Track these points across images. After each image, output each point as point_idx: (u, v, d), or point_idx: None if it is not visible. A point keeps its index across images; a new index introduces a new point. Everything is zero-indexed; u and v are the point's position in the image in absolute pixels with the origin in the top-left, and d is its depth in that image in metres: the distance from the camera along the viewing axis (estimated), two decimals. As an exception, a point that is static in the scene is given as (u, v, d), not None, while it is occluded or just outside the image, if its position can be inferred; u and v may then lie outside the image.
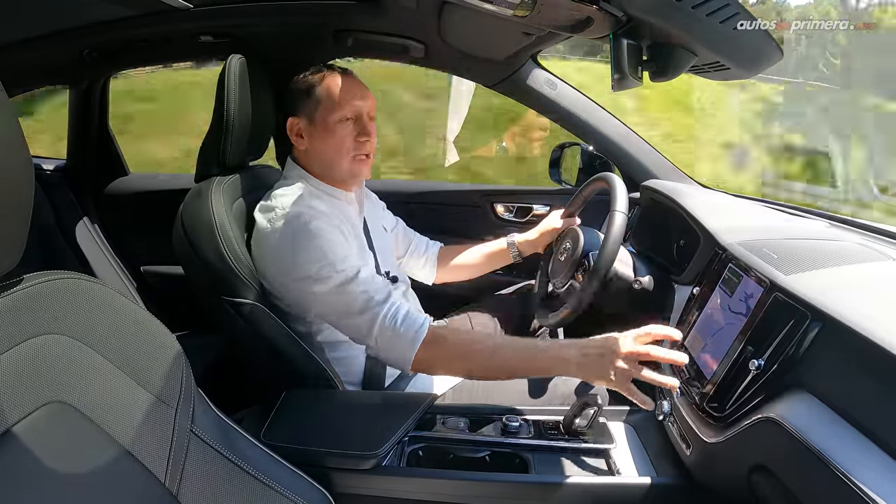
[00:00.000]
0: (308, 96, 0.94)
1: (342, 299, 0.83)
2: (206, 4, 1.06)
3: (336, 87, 0.93)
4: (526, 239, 1.19)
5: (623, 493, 0.76)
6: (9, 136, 0.41)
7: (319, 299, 0.85)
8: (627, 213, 0.92)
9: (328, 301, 0.84)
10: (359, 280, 0.84)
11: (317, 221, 0.86)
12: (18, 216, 0.44)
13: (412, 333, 0.82)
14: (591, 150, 1.35)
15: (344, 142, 0.92)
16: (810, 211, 1.12)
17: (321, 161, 0.95)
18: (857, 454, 0.48)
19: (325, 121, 0.93)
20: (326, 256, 0.84)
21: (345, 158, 0.93)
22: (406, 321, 0.83)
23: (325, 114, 0.92)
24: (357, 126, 0.93)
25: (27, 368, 0.45)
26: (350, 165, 0.94)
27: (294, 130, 0.96)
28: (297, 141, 0.96)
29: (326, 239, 0.85)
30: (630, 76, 0.64)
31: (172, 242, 0.93)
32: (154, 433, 0.52)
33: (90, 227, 1.55)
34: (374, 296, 0.84)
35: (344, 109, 0.92)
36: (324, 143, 0.93)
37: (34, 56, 1.22)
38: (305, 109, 0.94)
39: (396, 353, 0.83)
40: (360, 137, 0.93)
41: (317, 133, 0.94)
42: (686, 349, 0.81)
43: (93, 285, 0.52)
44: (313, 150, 0.95)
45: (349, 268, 0.84)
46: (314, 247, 0.84)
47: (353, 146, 0.93)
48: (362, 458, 0.75)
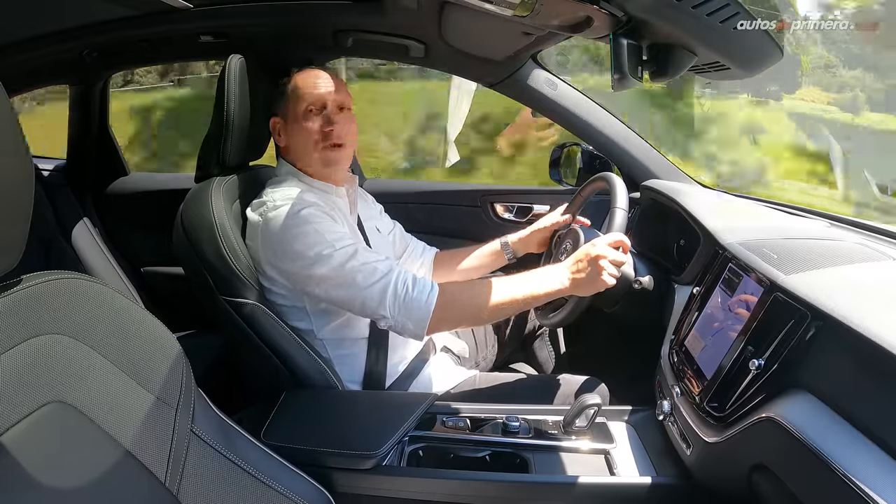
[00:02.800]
0: (282, 94, 0.97)
1: (348, 275, 0.84)
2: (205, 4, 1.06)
3: (303, 81, 0.96)
4: (519, 237, 1.18)
5: (623, 493, 0.76)
6: (9, 136, 0.41)
7: (325, 281, 0.85)
8: (628, 209, 0.92)
9: (334, 280, 0.85)
10: (359, 255, 0.85)
11: (307, 209, 0.87)
12: (18, 216, 0.44)
13: (425, 296, 0.84)
14: (591, 150, 1.35)
15: (311, 132, 0.94)
16: (810, 211, 1.12)
17: (297, 154, 0.98)
18: (857, 454, 0.48)
19: (294, 114, 0.96)
20: (324, 237, 0.85)
21: (315, 149, 0.95)
22: (417, 284, 0.85)
23: (294, 107, 0.96)
24: (322, 116, 0.95)
25: (27, 368, 0.45)
26: (321, 154, 0.95)
27: (276, 130, 1.00)
28: (278, 139, 1.00)
29: (319, 223, 0.86)
30: (630, 76, 0.64)
31: (172, 242, 0.93)
32: (154, 433, 0.52)
33: (90, 227, 1.55)
34: (378, 266, 0.85)
35: (308, 101, 0.94)
36: (296, 136, 0.96)
37: (34, 56, 1.22)
38: (281, 108, 0.98)
39: (414, 318, 0.84)
40: (324, 127, 0.94)
41: (290, 128, 0.97)
42: (686, 349, 0.81)
43: (93, 285, 0.52)
44: (290, 145, 0.98)
45: (347, 245, 0.86)
46: (310, 231, 0.85)
47: (319, 136, 0.95)
48: (362, 458, 0.75)
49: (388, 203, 1.23)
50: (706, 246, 0.89)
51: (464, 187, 1.58)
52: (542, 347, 1.30)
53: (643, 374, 0.95)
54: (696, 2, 0.54)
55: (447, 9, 0.97)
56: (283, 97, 0.97)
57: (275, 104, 0.99)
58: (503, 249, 1.19)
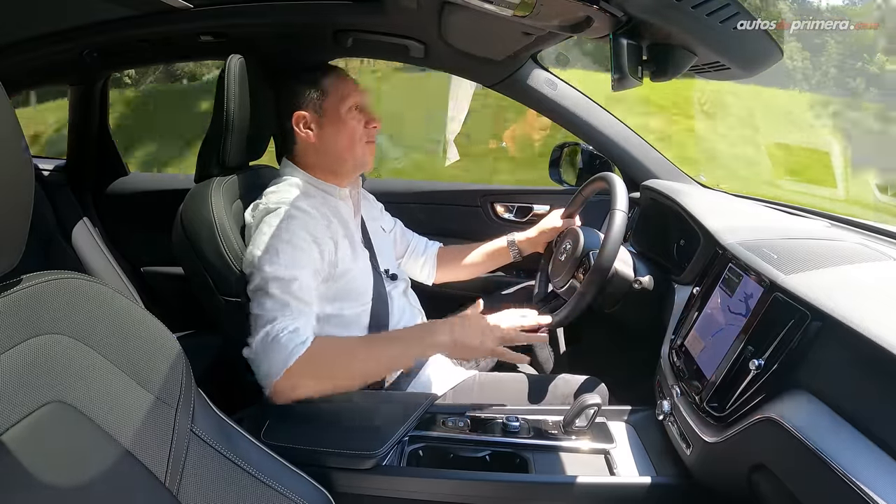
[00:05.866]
0: (314, 88, 0.96)
1: (262, 293, 0.82)
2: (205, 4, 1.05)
3: (340, 79, 0.98)
4: (527, 237, 1.19)
5: (623, 493, 0.76)
6: (9, 136, 0.41)
7: (251, 283, 0.84)
8: (628, 212, 0.92)
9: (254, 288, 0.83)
10: (292, 284, 0.82)
11: (293, 220, 0.86)
12: (18, 216, 0.44)
13: (292, 344, 0.77)
14: (591, 150, 1.35)
15: (356, 129, 0.96)
16: (810, 211, 1.12)
17: (331, 151, 0.97)
18: (857, 454, 0.48)
19: (336, 110, 0.96)
20: (279, 255, 0.83)
21: (357, 145, 0.97)
22: (294, 333, 0.79)
23: (336, 105, 0.96)
24: (365, 113, 0.98)
25: (27, 368, 0.45)
26: (362, 150, 0.98)
27: (301, 123, 0.97)
28: (306, 134, 0.97)
29: (291, 237, 0.84)
30: (630, 76, 0.64)
31: (172, 242, 0.93)
32: (154, 433, 0.52)
33: (90, 227, 1.54)
34: (291, 304, 0.81)
35: (353, 98, 0.97)
36: (336, 131, 0.96)
37: (34, 56, 1.22)
38: (311, 102, 0.96)
39: (271, 359, 0.77)
40: (370, 123, 0.98)
41: (327, 123, 0.96)
42: (686, 349, 0.81)
43: (93, 285, 0.52)
44: (323, 142, 0.97)
45: (293, 271, 0.82)
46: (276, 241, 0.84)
47: (363, 133, 0.97)
48: (362, 458, 0.75)
49: (388, 203, 1.23)
50: (706, 246, 0.89)
51: (464, 187, 1.58)
52: (542, 347, 1.29)
53: (643, 374, 0.95)
54: (696, 2, 0.54)
55: (447, 9, 0.97)
56: (311, 91, 0.96)
57: (298, 98, 0.96)
58: (509, 248, 1.19)
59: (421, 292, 1.17)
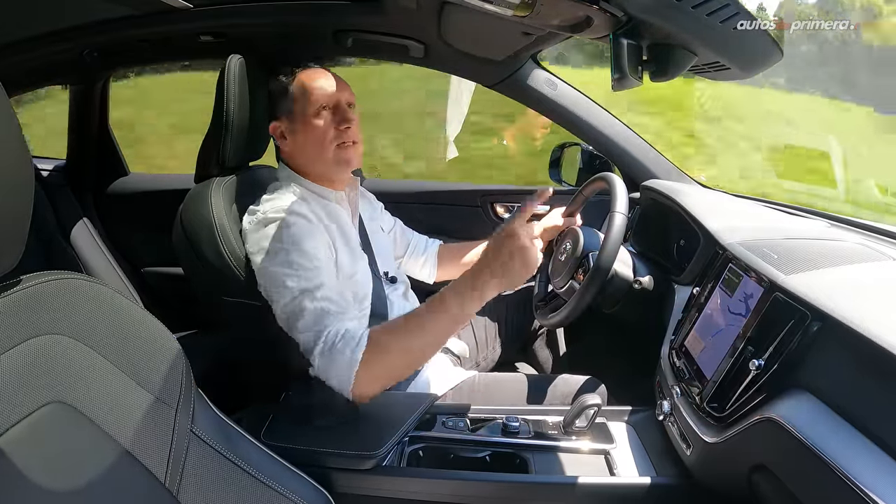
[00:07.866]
0: (284, 95, 0.94)
1: (296, 312, 0.80)
2: (205, 4, 1.06)
3: (308, 80, 0.93)
4: None
5: (623, 493, 0.76)
6: (9, 136, 0.41)
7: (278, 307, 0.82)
8: (627, 213, 0.92)
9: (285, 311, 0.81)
10: (317, 292, 0.80)
11: (292, 228, 0.84)
12: (18, 216, 0.44)
13: (350, 350, 0.75)
14: (591, 150, 1.35)
15: (325, 132, 0.91)
16: (810, 211, 1.12)
17: (306, 157, 0.94)
18: (857, 454, 0.48)
19: (303, 115, 0.92)
20: (291, 267, 0.81)
21: (328, 149, 0.92)
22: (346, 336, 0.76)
23: (302, 108, 0.92)
24: (336, 115, 0.92)
25: (27, 369, 0.45)
26: (335, 154, 0.92)
27: (277, 133, 0.96)
28: (282, 143, 0.96)
29: (295, 247, 0.83)
30: (630, 76, 0.64)
31: (172, 242, 0.93)
32: (154, 433, 0.52)
33: (90, 227, 1.55)
34: (330, 308, 0.79)
35: (321, 100, 0.91)
36: (305, 137, 0.93)
37: (34, 56, 1.22)
38: (284, 109, 0.94)
39: (336, 372, 0.75)
40: (340, 125, 0.91)
41: (297, 129, 0.93)
42: (686, 349, 0.81)
43: (93, 285, 0.52)
44: (296, 148, 0.95)
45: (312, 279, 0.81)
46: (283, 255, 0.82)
47: (334, 135, 0.92)
48: (362, 458, 0.75)
49: (388, 203, 1.23)
50: (706, 246, 0.89)
51: (464, 187, 1.58)
52: (542, 347, 1.29)
53: (643, 374, 0.95)
54: (696, 2, 0.54)
55: (447, 9, 0.97)
56: (285, 99, 0.94)
57: (274, 107, 0.96)
58: None
59: (421, 292, 1.17)
